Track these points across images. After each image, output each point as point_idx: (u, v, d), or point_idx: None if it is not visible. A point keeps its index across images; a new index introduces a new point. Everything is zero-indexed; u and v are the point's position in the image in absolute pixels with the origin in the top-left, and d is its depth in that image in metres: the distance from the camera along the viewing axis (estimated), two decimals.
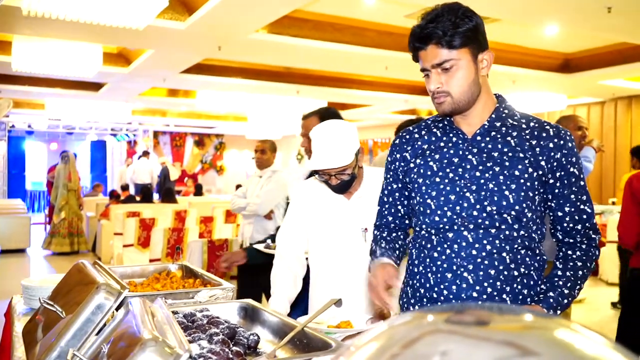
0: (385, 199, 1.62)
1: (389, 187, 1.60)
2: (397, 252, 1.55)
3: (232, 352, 1.21)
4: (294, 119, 11.91)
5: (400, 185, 1.57)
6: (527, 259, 1.38)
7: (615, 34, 5.50)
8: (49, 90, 8.93)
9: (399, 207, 1.59)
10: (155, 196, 10.38)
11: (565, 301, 1.37)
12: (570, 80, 7.51)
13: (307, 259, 2.04)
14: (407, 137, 1.56)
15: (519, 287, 1.37)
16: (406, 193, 1.57)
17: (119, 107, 10.92)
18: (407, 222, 1.61)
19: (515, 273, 1.36)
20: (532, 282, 1.39)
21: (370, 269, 1.51)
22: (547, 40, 6.52)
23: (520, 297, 1.37)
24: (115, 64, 7.38)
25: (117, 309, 1.26)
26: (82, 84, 8.96)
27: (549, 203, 1.41)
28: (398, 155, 1.56)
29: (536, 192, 1.37)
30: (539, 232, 1.41)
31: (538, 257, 1.41)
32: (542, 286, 1.39)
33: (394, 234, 1.61)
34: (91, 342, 1.18)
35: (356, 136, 1.86)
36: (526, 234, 1.37)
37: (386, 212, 1.62)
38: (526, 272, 1.38)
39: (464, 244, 1.37)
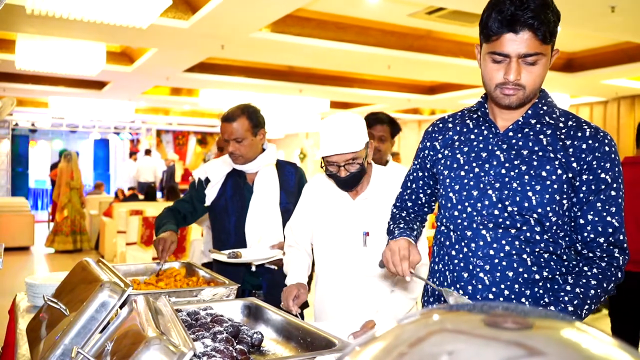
0: (409, 184, 1.59)
1: (415, 174, 1.56)
2: (415, 232, 1.52)
3: (236, 350, 1.21)
4: (296, 118, 11.90)
5: (426, 174, 1.53)
6: (552, 263, 1.30)
7: (618, 33, 5.48)
8: (52, 88, 8.94)
9: (421, 195, 1.56)
10: (158, 194, 10.39)
11: None
12: (573, 79, 7.49)
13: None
14: (441, 125, 1.50)
15: (541, 291, 1.30)
16: (431, 183, 1.53)
17: (122, 105, 10.93)
18: (425, 210, 1.59)
19: (537, 277, 1.29)
20: (556, 287, 1.30)
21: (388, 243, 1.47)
22: None
23: (542, 302, 1.29)
24: (118, 63, 7.39)
25: (121, 306, 1.26)
26: (86, 83, 8.97)
27: (573, 208, 1.30)
28: (428, 144, 1.50)
29: (564, 196, 1.28)
30: (566, 238, 1.31)
31: (566, 263, 1.31)
32: (546, 298, 1.29)
33: (413, 216, 1.59)
34: (95, 340, 1.18)
35: (365, 128, 1.81)
36: (551, 239, 1.29)
37: (407, 197, 1.60)
38: (550, 276, 1.29)
39: (481, 243, 1.31)
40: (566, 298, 1.24)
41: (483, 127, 1.39)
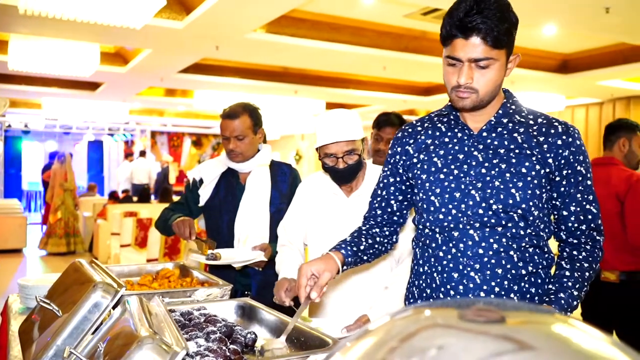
0: (379, 192, 1.56)
1: (385, 181, 1.55)
2: (362, 246, 1.50)
3: (230, 350, 1.20)
4: (292, 119, 11.91)
5: (397, 179, 1.52)
6: (536, 257, 1.35)
7: (613, 34, 5.51)
8: (45, 89, 8.90)
9: (392, 201, 1.55)
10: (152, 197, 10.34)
11: (575, 302, 1.32)
12: (568, 80, 7.52)
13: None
14: (410, 130, 1.50)
15: (527, 285, 1.34)
16: (403, 188, 1.52)
17: (116, 106, 10.90)
18: (395, 218, 1.57)
19: (523, 272, 1.33)
20: (539, 281, 1.36)
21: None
22: (545, 40, 6.53)
23: (528, 295, 1.34)
24: (112, 64, 7.37)
25: (114, 307, 1.26)
26: (79, 84, 8.94)
27: (554, 202, 1.37)
28: (399, 149, 1.50)
29: (543, 190, 1.34)
30: (546, 230, 1.37)
31: (546, 255, 1.38)
32: (551, 286, 1.35)
33: (375, 229, 1.56)
34: (88, 341, 1.17)
35: (360, 123, 1.82)
36: (533, 232, 1.34)
37: (376, 205, 1.57)
38: (534, 270, 1.34)
39: (470, 242, 1.33)
40: (570, 283, 1.32)
41: (456, 130, 1.41)
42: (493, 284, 1.32)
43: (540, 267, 1.36)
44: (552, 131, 1.34)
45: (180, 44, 5.81)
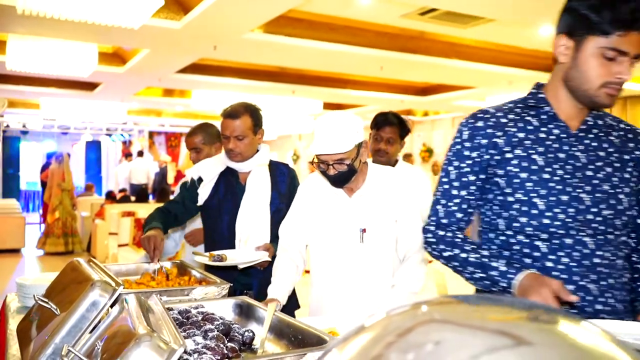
0: (456, 192, 1.35)
1: (465, 178, 1.34)
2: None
3: (227, 347, 1.20)
4: (289, 119, 11.90)
5: (480, 177, 1.33)
6: (627, 264, 1.30)
7: None
8: (43, 89, 8.88)
9: (472, 202, 1.36)
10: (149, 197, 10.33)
11: None
12: None
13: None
14: (494, 120, 1.32)
15: (624, 293, 1.28)
16: (482, 187, 1.34)
17: (114, 107, 10.88)
18: (463, 224, 1.38)
19: (624, 280, 1.28)
20: (626, 287, 1.30)
21: (515, 284, 1.20)
22: (542, 40, 6.53)
23: (625, 304, 1.28)
24: (110, 64, 7.36)
25: (112, 305, 1.26)
26: (77, 84, 8.92)
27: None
28: (485, 141, 1.31)
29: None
30: (637, 239, 1.33)
31: (627, 263, 1.32)
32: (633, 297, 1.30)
33: (461, 236, 1.36)
34: (86, 339, 1.17)
35: (360, 129, 1.81)
36: (631, 240, 1.29)
37: (456, 208, 1.35)
38: (626, 279, 1.29)
39: (585, 251, 1.22)
40: None
41: (550, 126, 1.29)
42: (607, 295, 1.24)
43: (627, 274, 1.30)
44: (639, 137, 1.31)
45: (178, 44, 5.81)
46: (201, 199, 2.30)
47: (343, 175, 1.80)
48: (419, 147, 12.74)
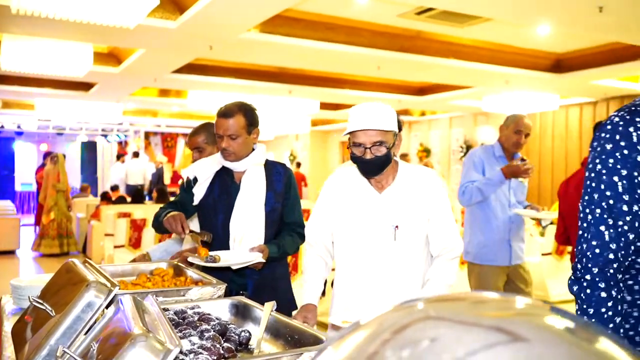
0: (612, 222, 1.06)
1: (619, 205, 1.05)
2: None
3: (223, 348, 1.20)
4: (286, 119, 11.90)
5: (636, 198, 1.06)
6: None
7: (606, 33, 5.54)
8: (38, 90, 8.85)
9: (629, 233, 1.07)
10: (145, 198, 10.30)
11: None
12: (562, 80, 7.56)
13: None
14: None
15: None
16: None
17: (110, 107, 10.85)
18: (632, 254, 1.10)
19: None
20: None
21: None
22: (539, 40, 6.55)
23: None
24: (105, 64, 7.34)
25: (108, 306, 1.25)
26: (73, 84, 8.89)
27: None
28: None
29: None
30: None
31: None
32: None
33: (626, 275, 1.12)
34: (81, 340, 1.17)
35: (396, 120, 1.80)
36: None
37: (608, 240, 1.06)
38: None
39: None
40: None
41: None
42: None
43: None
44: None
45: (174, 43, 5.79)
46: (196, 199, 2.30)
47: (379, 160, 1.76)
48: (416, 147, 12.75)
